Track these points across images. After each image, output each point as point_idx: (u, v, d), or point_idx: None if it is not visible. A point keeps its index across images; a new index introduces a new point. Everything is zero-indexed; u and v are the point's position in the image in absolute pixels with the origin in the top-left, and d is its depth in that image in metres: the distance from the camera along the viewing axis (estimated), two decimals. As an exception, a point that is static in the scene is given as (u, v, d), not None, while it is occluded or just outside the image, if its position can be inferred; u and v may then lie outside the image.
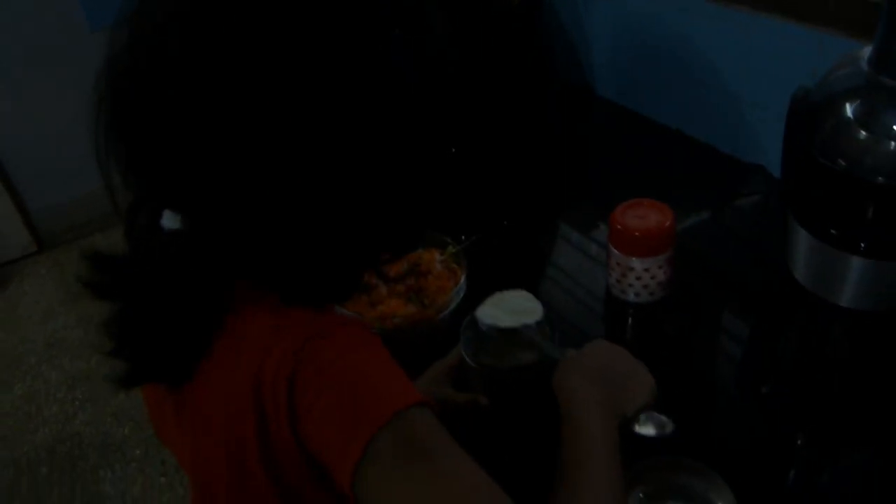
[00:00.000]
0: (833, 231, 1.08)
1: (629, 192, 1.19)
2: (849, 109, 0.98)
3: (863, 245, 1.02)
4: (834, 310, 1.12)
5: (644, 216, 1.14)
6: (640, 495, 0.90)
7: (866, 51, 1.00)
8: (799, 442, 1.02)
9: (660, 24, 1.61)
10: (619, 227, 1.13)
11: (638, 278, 1.15)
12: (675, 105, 1.66)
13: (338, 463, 0.64)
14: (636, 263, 1.14)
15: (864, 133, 0.96)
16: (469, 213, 1.47)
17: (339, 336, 0.68)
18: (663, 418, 0.85)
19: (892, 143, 0.94)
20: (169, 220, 0.69)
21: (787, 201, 1.19)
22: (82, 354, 2.83)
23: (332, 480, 0.68)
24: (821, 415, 1.03)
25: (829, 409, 1.04)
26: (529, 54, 1.66)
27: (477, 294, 1.12)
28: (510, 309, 1.02)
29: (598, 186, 1.59)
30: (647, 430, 0.85)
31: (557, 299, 1.27)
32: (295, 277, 0.70)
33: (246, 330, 0.71)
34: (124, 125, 0.68)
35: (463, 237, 1.30)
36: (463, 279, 1.20)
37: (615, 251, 1.16)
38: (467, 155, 1.65)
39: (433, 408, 0.66)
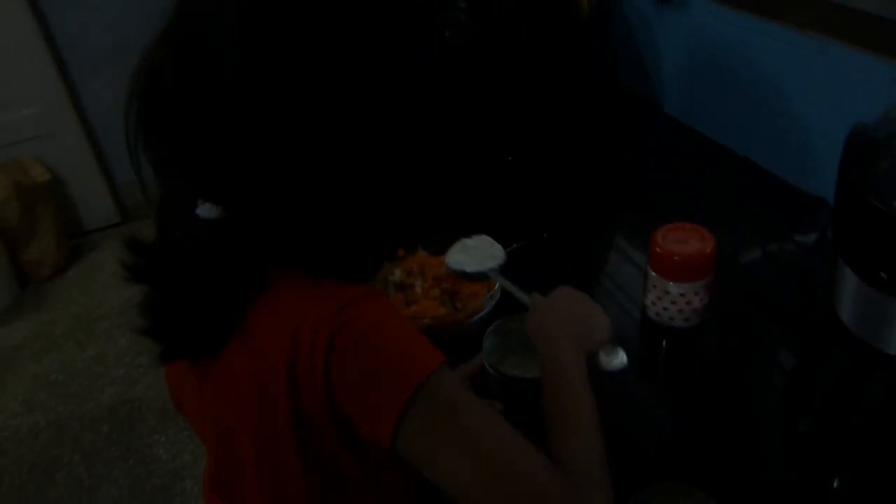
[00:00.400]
0: (882, 275, 1.04)
1: (683, 212, 1.18)
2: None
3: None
4: (879, 356, 1.09)
5: (685, 241, 1.12)
6: None
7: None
8: (833, 486, 0.99)
9: (733, 45, 1.58)
10: (658, 249, 1.12)
11: (674, 302, 1.14)
12: (742, 129, 1.62)
13: (377, 423, 0.71)
14: (673, 288, 1.13)
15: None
16: (516, 221, 1.47)
17: (369, 306, 0.74)
18: (619, 350, 0.98)
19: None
20: (205, 211, 0.74)
21: (838, 240, 1.16)
22: (152, 323, 2.94)
23: (357, 444, 0.76)
24: (856, 460, 1.00)
25: (865, 455, 1.00)
26: (595, 62, 1.65)
27: (511, 302, 1.13)
28: (476, 255, 1.11)
29: (651, 203, 1.57)
30: (607, 361, 0.97)
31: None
32: (322, 253, 0.77)
33: (279, 304, 0.76)
34: (163, 120, 0.72)
35: (514, 244, 1.30)
36: (497, 286, 1.21)
37: (653, 273, 1.15)
38: (521, 162, 1.66)
39: (448, 363, 0.74)
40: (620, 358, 0.97)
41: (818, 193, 1.46)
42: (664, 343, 1.20)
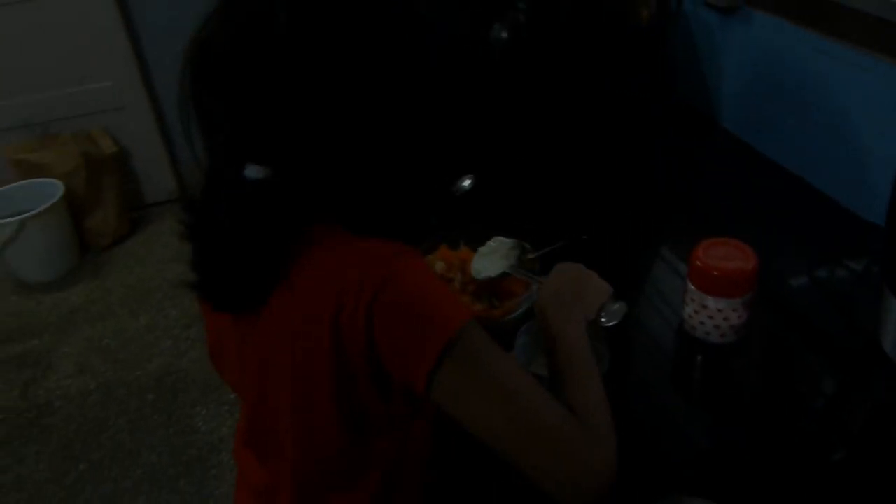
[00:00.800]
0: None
1: (732, 226, 1.17)
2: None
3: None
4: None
5: (726, 257, 1.11)
6: None
7: None
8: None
9: (793, 62, 1.56)
10: (698, 263, 1.12)
11: (710, 317, 1.13)
12: (800, 150, 1.59)
13: (414, 369, 0.78)
14: (711, 302, 1.12)
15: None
16: (559, 221, 1.47)
17: (408, 264, 0.81)
18: (618, 303, 1.05)
19: None
20: (252, 172, 0.79)
21: (885, 268, 1.14)
22: (202, 298, 3.01)
23: (389, 393, 0.83)
24: (890, 492, 0.98)
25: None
26: (653, 72, 1.64)
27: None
28: (495, 257, 1.19)
29: (700, 215, 1.56)
30: (609, 318, 1.04)
31: (626, 322, 1.26)
32: (360, 208, 0.85)
33: (324, 259, 0.82)
34: (217, 83, 0.79)
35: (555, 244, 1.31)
36: (535, 286, 1.21)
37: (691, 286, 1.14)
38: (569, 163, 1.66)
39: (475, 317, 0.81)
40: (621, 308, 1.05)
41: (871, 219, 1.44)
42: (699, 357, 1.20)
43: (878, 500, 0.97)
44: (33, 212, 3.01)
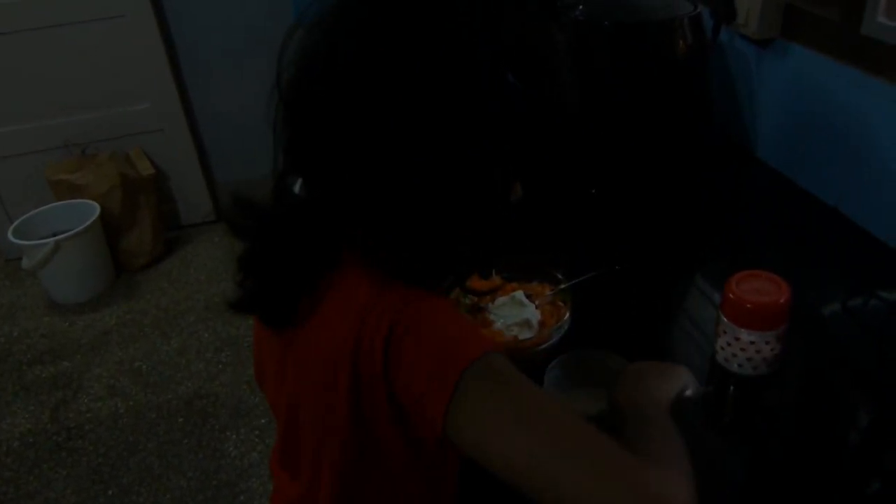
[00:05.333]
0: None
1: (766, 257, 1.16)
2: None
3: None
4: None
5: (760, 289, 1.10)
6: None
7: None
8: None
9: (831, 95, 1.55)
10: (731, 295, 1.11)
11: (743, 349, 1.12)
12: (835, 181, 1.58)
13: (429, 405, 0.73)
14: (744, 335, 1.11)
15: None
16: (595, 251, 1.47)
17: (429, 301, 0.79)
18: (693, 389, 1.02)
19: None
20: (300, 188, 0.82)
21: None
22: (233, 321, 3.04)
23: (406, 426, 0.80)
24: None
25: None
26: (690, 104, 1.64)
27: (581, 333, 1.13)
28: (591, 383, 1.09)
29: (735, 246, 1.55)
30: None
31: (659, 354, 1.25)
32: (393, 252, 0.81)
33: (353, 291, 0.81)
34: (289, 116, 0.81)
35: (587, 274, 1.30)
36: (567, 317, 1.21)
37: (724, 318, 1.13)
38: (606, 195, 1.65)
39: (503, 353, 0.76)
40: (697, 391, 1.02)
41: (907, 251, 1.42)
42: (731, 389, 1.18)
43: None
44: (69, 233, 3.06)
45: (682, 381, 1.00)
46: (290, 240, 0.84)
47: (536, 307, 1.25)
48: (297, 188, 0.83)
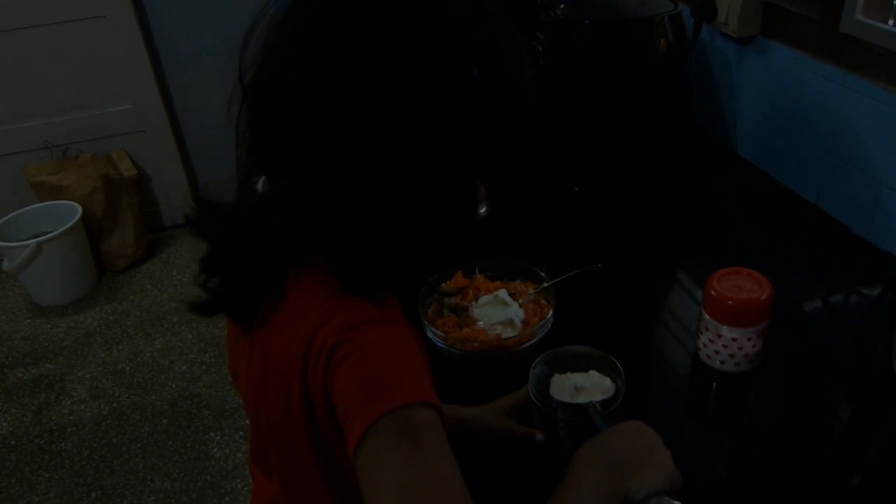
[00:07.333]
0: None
1: (748, 254, 1.16)
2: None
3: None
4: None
5: (741, 286, 1.11)
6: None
7: None
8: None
9: (810, 93, 1.56)
10: (713, 292, 1.11)
11: (725, 346, 1.13)
12: (815, 179, 1.59)
13: (349, 430, 0.71)
14: (725, 332, 1.12)
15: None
16: (577, 249, 1.47)
17: (380, 329, 0.75)
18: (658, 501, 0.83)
19: None
20: (263, 186, 0.80)
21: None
22: (217, 322, 3.00)
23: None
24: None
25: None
26: (670, 102, 1.65)
27: (564, 331, 1.13)
28: (582, 384, 1.06)
29: (717, 243, 1.56)
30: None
31: (642, 351, 1.26)
32: (352, 259, 0.78)
33: (313, 298, 0.79)
34: (252, 111, 0.80)
35: (568, 273, 1.31)
36: (550, 315, 1.21)
37: (706, 315, 1.14)
38: (589, 193, 1.66)
39: (442, 413, 0.72)
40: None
41: (887, 248, 1.43)
42: (714, 385, 1.19)
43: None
44: (50, 235, 3.04)
45: (660, 485, 0.85)
46: (252, 239, 0.82)
47: (520, 306, 1.26)
48: (259, 186, 0.82)
